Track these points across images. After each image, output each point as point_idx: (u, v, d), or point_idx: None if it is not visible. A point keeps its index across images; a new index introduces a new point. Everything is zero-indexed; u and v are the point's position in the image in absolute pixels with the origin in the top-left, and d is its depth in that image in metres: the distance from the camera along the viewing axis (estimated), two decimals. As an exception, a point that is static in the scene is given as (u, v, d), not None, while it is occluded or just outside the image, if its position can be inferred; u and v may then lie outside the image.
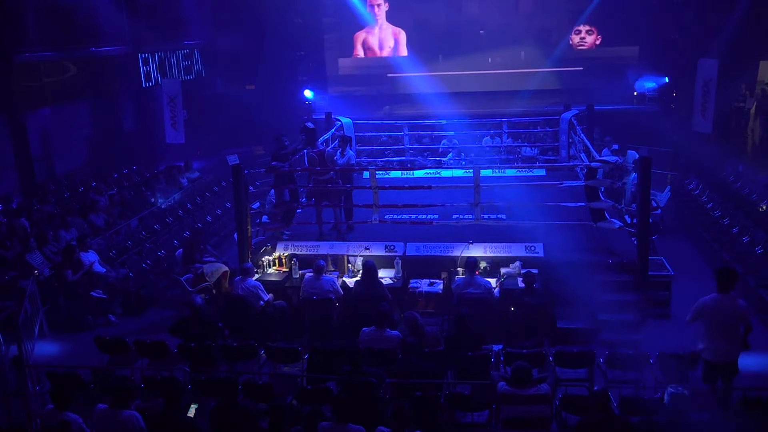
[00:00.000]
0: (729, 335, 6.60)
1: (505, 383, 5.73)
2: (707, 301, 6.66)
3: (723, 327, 6.59)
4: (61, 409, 5.75)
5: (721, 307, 6.57)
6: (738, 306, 6.58)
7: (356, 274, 9.30)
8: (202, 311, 8.06)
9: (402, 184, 10.75)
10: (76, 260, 10.08)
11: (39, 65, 15.83)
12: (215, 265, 9.77)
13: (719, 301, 6.59)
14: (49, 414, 5.81)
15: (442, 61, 22.28)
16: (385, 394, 6.32)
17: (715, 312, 6.58)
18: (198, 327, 7.80)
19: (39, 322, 9.51)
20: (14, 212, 12.51)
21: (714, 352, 6.62)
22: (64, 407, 5.75)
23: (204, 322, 7.90)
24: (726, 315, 6.56)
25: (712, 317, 6.60)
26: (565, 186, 10.32)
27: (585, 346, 7.55)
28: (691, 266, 11.04)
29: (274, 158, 10.45)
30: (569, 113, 13.85)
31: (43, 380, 7.52)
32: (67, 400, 5.80)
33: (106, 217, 13.07)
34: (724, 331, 6.59)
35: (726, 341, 6.60)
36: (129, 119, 19.77)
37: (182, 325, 7.92)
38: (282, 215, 10.69)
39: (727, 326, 6.58)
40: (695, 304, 6.75)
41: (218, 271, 9.61)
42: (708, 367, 6.71)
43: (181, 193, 15.30)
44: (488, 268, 9.12)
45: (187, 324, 7.88)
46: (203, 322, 7.89)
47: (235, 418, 5.73)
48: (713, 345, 6.62)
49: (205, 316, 8.02)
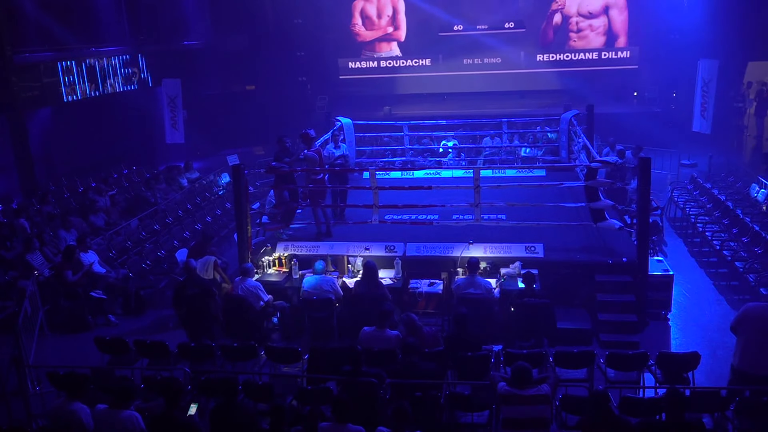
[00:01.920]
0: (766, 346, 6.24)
1: (506, 383, 5.72)
2: (751, 308, 6.38)
3: (761, 337, 6.25)
4: (71, 398, 5.78)
5: (760, 315, 6.26)
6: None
7: (356, 274, 9.30)
8: (196, 273, 8.55)
9: (402, 185, 10.75)
10: (76, 260, 10.08)
11: (39, 65, 15.83)
12: (203, 260, 9.61)
13: (765, 310, 6.31)
14: (58, 405, 5.84)
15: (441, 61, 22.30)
16: (385, 395, 6.32)
17: (756, 321, 6.28)
18: (192, 288, 8.25)
19: (39, 322, 9.51)
20: (14, 212, 12.51)
21: (750, 362, 6.28)
22: (77, 396, 5.78)
23: (198, 283, 8.36)
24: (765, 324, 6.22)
25: (754, 326, 6.29)
26: (565, 186, 10.32)
27: (585, 347, 7.55)
28: (690, 267, 11.05)
29: (276, 160, 10.46)
30: (569, 114, 13.85)
31: (43, 380, 7.52)
32: (79, 391, 5.82)
33: (106, 218, 13.08)
34: (762, 342, 6.25)
35: (761, 353, 6.26)
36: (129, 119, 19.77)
37: (179, 289, 8.39)
38: (282, 215, 10.70)
39: (764, 336, 6.23)
40: (741, 308, 6.52)
41: (209, 264, 9.55)
42: (739, 377, 6.37)
43: (181, 193, 15.31)
44: (488, 269, 9.12)
45: (182, 287, 8.36)
46: (197, 284, 8.35)
47: (235, 418, 5.72)
48: (751, 356, 6.28)
49: (199, 278, 8.49)
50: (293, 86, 22.60)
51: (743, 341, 6.38)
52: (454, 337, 7.28)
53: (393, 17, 22.48)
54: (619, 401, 6.12)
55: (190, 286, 8.34)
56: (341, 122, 13.73)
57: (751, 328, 6.33)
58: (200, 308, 8.31)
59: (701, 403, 6.27)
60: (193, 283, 8.38)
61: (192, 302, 8.29)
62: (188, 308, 8.35)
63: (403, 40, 22.71)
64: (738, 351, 6.43)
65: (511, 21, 21.70)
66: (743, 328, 6.40)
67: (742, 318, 6.42)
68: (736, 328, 6.48)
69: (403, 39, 22.68)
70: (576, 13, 21.55)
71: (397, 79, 22.61)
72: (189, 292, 8.28)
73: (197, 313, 8.32)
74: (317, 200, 10.46)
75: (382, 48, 22.99)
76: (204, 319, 8.33)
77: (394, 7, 22.43)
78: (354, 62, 22.92)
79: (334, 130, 12.89)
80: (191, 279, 8.43)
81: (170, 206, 14.27)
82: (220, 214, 14.58)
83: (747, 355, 6.32)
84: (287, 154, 10.49)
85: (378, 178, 10.20)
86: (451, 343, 7.19)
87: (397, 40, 22.80)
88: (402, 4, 22.35)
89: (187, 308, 8.35)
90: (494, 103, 20.65)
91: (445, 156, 15.76)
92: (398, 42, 22.84)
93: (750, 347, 6.31)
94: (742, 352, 6.37)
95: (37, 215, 12.83)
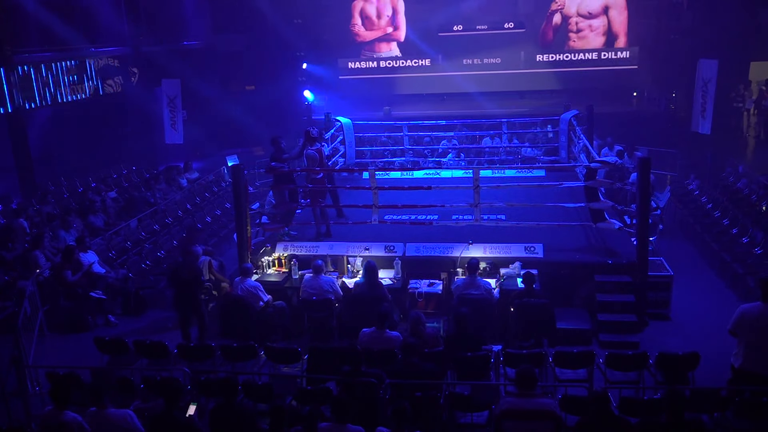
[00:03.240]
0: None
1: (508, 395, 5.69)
2: (747, 309, 6.40)
3: (762, 336, 6.29)
4: (60, 408, 5.72)
5: (759, 315, 6.29)
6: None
7: (356, 274, 9.30)
8: (193, 259, 8.89)
9: (402, 185, 10.74)
10: (76, 261, 10.08)
11: (39, 65, 15.83)
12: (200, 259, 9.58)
13: (758, 309, 6.33)
14: (49, 414, 5.78)
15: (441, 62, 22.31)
16: (385, 395, 6.31)
17: (754, 321, 6.30)
18: (186, 273, 8.61)
19: (39, 322, 9.50)
20: (13, 213, 12.51)
21: (751, 362, 6.33)
22: (64, 406, 5.72)
23: (191, 269, 8.70)
24: (765, 324, 6.26)
25: (752, 326, 6.32)
26: (564, 186, 10.32)
27: (585, 347, 7.54)
28: (690, 267, 11.05)
29: (273, 160, 10.45)
30: (569, 114, 13.84)
31: (43, 380, 7.52)
32: (67, 399, 5.76)
33: (106, 218, 13.07)
34: (763, 341, 6.29)
35: (765, 353, 6.30)
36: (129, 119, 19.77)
37: (174, 270, 8.83)
38: (281, 216, 10.69)
39: (766, 336, 6.27)
40: (736, 311, 6.52)
41: (204, 265, 9.50)
42: (740, 377, 6.41)
43: (181, 193, 15.31)
44: (488, 269, 9.11)
45: (177, 270, 8.75)
46: (191, 269, 8.70)
47: (234, 418, 5.72)
48: (751, 355, 6.33)
49: (192, 265, 8.78)
50: (293, 86, 22.61)
51: (745, 342, 6.39)
52: (454, 338, 7.28)
53: (393, 17, 22.47)
54: (619, 401, 6.12)
55: (183, 271, 8.67)
56: (341, 122, 13.73)
57: (750, 329, 6.35)
58: (189, 294, 8.70)
59: (701, 403, 6.27)
60: (187, 268, 8.69)
61: (183, 287, 8.67)
62: (179, 291, 8.76)
63: (402, 41, 22.71)
64: (741, 352, 6.44)
65: (511, 21, 21.70)
66: (742, 330, 6.40)
67: (740, 320, 6.42)
68: (735, 330, 6.49)
69: (402, 39, 22.68)
70: (575, 13, 21.54)
71: (396, 79, 22.62)
72: (183, 276, 8.64)
73: (188, 296, 8.71)
74: (317, 200, 10.45)
75: (381, 48, 22.99)
76: (193, 301, 8.72)
77: (394, 7, 22.43)
78: (354, 62, 22.93)
79: (333, 131, 12.90)
80: (186, 263, 8.75)
81: (170, 206, 14.28)
82: (219, 214, 14.58)
83: (751, 355, 6.34)
84: (283, 154, 10.47)
85: (377, 178, 10.19)
86: (451, 344, 7.19)
87: (397, 40, 22.80)
88: (402, 4, 22.35)
89: (178, 290, 8.78)
90: (494, 103, 20.64)
91: (445, 156, 15.76)
92: (398, 42, 22.84)
93: (752, 347, 6.33)
94: (745, 353, 6.38)
95: (37, 215, 12.83)
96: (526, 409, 5.51)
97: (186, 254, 8.92)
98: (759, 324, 6.31)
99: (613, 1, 21.22)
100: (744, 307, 6.48)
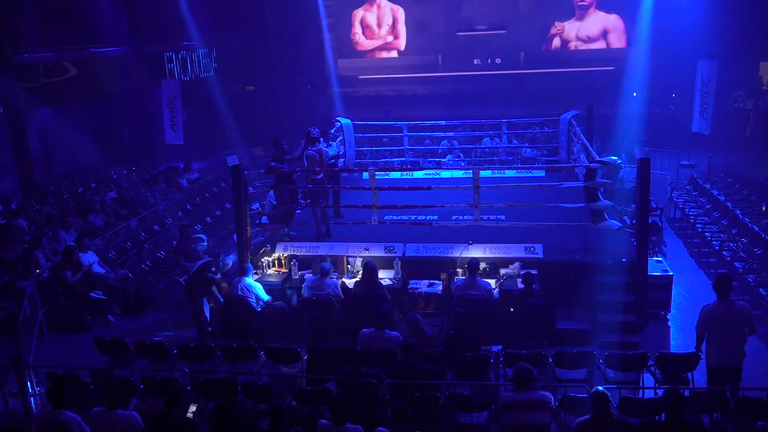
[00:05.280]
0: (734, 339, 6.54)
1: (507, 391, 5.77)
2: (709, 307, 6.62)
3: (727, 332, 6.53)
4: (58, 408, 5.73)
5: (722, 312, 6.53)
6: (740, 309, 6.55)
7: (356, 274, 9.29)
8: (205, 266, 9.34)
9: (401, 185, 10.74)
10: (76, 261, 10.08)
11: (39, 65, 15.83)
12: (197, 263, 9.52)
13: (720, 307, 6.55)
14: (47, 414, 5.78)
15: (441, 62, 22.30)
16: (385, 395, 6.32)
17: (717, 317, 6.54)
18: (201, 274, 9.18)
19: (38, 322, 9.50)
20: (13, 213, 12.50)
21: (721, 357, 6.57)
22: (61, 406, 5.73)
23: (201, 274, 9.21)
24: (728, 320, 6.51)
25: (715, 323, 6.55)
26: (564, 187, 10.32)
27: (584, 347, 7.55)
28: (690, 267, 11.05)
29: (274, 161, 10.45)
30: (568, 114, 13.84)
31: (43, 381, 7.52)
32: (64, 399, 5.77)
33: (105, 218, 13.06)
34: (729, 336, 6.53)
35: (731, 346, 6.53)
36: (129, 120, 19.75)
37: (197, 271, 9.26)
38: (281, 216, 10.69)
39: (731, 331, 6.53)
40: (700, 311, 6.69)
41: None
42: (716, 372, 6.63)
43: (181, 194, 15.30)
44: (488, 269, 9.11)
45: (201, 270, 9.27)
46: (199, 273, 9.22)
47: (234, 419, 5.72)
48: (719, 350, 6.57)
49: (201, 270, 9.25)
50: (293, 86, 22.60)
51: (712, 340, 6.62)
52: (454, 338, 7.29)
53: (393, 26, 22.46)
54: (619, 401, 6.13)
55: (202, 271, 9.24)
56: (341, 122, 13.72)
57: (714, 326, 6.57)
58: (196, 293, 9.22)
59: (701, 403, 6.29)
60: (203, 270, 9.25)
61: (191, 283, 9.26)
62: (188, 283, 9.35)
63: (402, 49, 22.72)
64: (712, 350, 6.64)
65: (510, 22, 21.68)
66: (710, 328, 6.61)
67: (707, 319, 6.61)
68: (702, 330, 6.67)
69: (402, 48, 22.67)
70: (575, 37, 21.56)
71: (396, 79, 22.61)
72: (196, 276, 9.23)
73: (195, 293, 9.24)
74: (317, 200, 10.45)
75: (381, 56, 23.01)
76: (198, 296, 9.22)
77: (394, 16, 22.42)
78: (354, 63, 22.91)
79: (333, 131, 12.88)
80: (205, 266, 9.28)
81: (170, 207, 14.27)
82: (220, 214, 14.58)
83: (718, 350, 6.59)
84: (285, 155, 10.48)
85: (377, 178, 10.19)
86: (451, 344, 7.20)
87: (397, 49, 22.79)
88: (402, 13, 22.35)
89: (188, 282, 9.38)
90: (494, 103, 20.63)
91: (445, 157, 15.76)
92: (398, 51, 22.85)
93: (720, 343, 6.58)
94: (715, 350, 6.60)
95: (37, 216, 12.82)
96: (525, 400, 5.69)
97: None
98: (723, 319, 6.54)
99: (612, 25, 21.23)
100: (708, 307, 6.66)
